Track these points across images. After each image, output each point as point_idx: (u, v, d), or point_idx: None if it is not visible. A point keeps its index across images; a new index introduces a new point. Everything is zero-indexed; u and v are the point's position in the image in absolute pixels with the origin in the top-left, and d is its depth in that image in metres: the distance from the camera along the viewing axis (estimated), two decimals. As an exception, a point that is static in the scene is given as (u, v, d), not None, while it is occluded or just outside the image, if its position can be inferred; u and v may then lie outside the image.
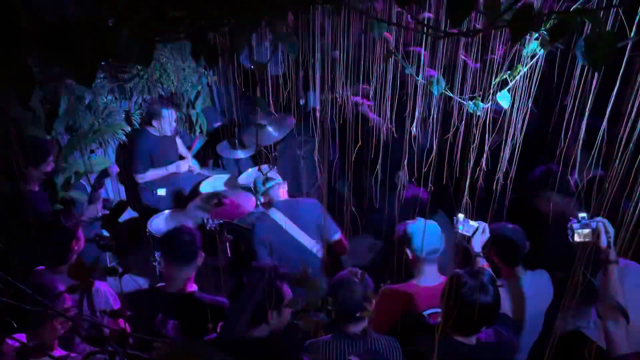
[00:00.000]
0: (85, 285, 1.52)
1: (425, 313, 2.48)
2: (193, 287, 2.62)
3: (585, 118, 1.98)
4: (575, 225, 2.10)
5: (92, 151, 4.40)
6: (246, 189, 4.20)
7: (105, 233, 3.64)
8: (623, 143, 1.75)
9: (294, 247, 3.12)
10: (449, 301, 2.07)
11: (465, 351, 2.11)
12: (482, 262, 2.46)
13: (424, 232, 2.51)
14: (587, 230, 2.09)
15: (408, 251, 2.63)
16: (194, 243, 2.58)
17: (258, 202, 3.43)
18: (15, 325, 1.97)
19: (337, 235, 3.20)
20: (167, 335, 2.35)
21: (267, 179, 3.19)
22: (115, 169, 4.17)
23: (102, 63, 1.31)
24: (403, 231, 2.65)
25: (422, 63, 2.27)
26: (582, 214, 2.11)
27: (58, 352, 2.11)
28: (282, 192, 3.29)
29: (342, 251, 3.27)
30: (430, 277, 2.61)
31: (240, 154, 4.56)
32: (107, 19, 1.20)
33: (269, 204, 3.24)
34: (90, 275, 1.50)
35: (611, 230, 2.06)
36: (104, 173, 3.89)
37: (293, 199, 3.30)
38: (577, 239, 2.10)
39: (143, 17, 1.17)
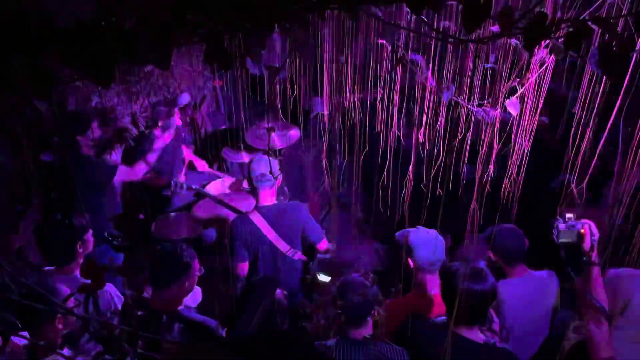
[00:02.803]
0: (97, 285, 1.53)
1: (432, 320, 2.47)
2: (180, 306, 2.51)
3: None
4: (561, 226, 2.11)
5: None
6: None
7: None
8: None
9: (272, 251, 3.13)
10: (447, 293, 2.12)
11: (473, 348, 2.11)
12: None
13: (423, 242, 2.51)
14: (572, 232, 2.09)
15: (410, 261, 2.63)
16: (177, 264, 2.39)
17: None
18: (19, 324, 1.98)
19: (321, 241, 3.20)
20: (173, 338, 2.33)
21: (261, 176, 3.11)
22: None
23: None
24: (405, 240, 2.65)
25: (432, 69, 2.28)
26: (569, 215, 2.11)
27: (65, 352, 2.11)
28: (266, 193, 3.19)
29: (324, 250, 3.26)
30: (433, 286, 2.59)
31: (246, 158, 4.56)
32: (125, 22, 1.22)
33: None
34: (101, 275, 1.51)
35: (596, 233, 2.08)
36: None
37: (277, 203, 3.24)
38: (561, 239, 2.10)
39: (162, 20, 1.19)
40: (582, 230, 2.06)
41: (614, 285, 2.14)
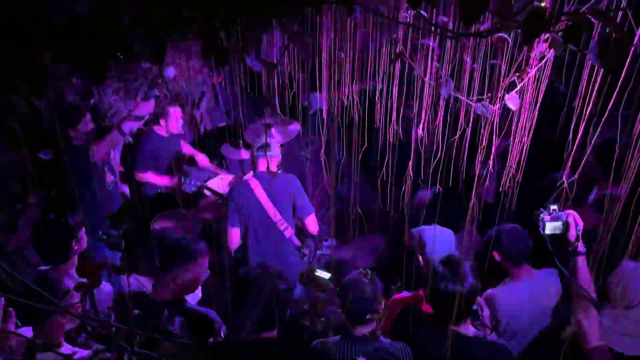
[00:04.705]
0: (93, 283, 1.52)
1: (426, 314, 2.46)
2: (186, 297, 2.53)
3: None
4: (546, 218, 2.13)
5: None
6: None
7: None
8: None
9: (263, 218, 3.23)
10: (428, 292, 2.15)
11: (463, 342, 2.12)
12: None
13: (436, 240, 2.50)
14: (557, 223, 2.11)
15: (420, 258, 2.63)
16: (189, 252, 2.43)
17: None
18: (19, 323, 1.98)
19: (310, 215, 3.28)
20: (174, 332, 2.32)
21: (265, 146, 3.18)
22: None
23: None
24: (419, 237, 2.64)
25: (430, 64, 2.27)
26: (553, 206, 2.13)
27: (65, 348, 2.11)
28: (264, 162, 3.29)
29: (313, 229, 3.35)
30: None
31: (245, 154, 4.55)
32: (120, 18, 1.20)
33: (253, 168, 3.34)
34: (97, 273, 1.50)
35: (580, 222, 2.09)
36: None
37: (274, 172, 3.33)
38: (547, 231, 2.12)
39: (156, 17, 1.17)
40: (567, 221, 2.09)
41: (629, 277, 2.12)
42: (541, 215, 2.14)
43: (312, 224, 3.32)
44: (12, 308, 1.88)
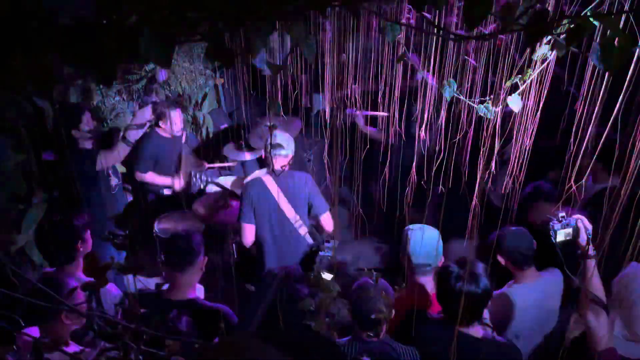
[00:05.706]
0: (99, 283, 1.53)
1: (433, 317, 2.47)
2: (194, 294, 2.57)
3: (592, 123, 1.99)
4: (557, 226, 2.14)
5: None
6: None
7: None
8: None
9: (277, 215, 3.25)
10: (441, 292, 2.16)
11: (473, 344, 2.12)
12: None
13: (421, 241, 2.52)
14: (568, 230, 2.13)
15: (405, 257, 2.64)
16: (192, 248, 2.50)
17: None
18: (23, 322, 1.99)
19: (325, 213, 3.29)
20: (181, 331, 2.33)
21: (277, 145, 3.19)
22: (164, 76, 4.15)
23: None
24: (404, 235, 2.65)
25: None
26: (562, 213, 2.14)
27: (72, 347, 2.12)
28: (279, 162, 3.29)
29: (328, 227, 3.36)
30: (428, 285, 2.59)
31: (247, 156, 4.57)
32: (127, 20, 1.22)
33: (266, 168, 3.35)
34: (104, 273, 1.52)
35: (589, 226, 2.09)
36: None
37: (288, 171, 3.33)
38: (559, 238, 2.13)
39: (163, 18, 1.19)
40: (577, 226, 2.09)
41: (629, 280, 2.12)
42: (551, 223, 2.13)
43: (327, 222, 3.32)
44: (18, 307, 1.90)
